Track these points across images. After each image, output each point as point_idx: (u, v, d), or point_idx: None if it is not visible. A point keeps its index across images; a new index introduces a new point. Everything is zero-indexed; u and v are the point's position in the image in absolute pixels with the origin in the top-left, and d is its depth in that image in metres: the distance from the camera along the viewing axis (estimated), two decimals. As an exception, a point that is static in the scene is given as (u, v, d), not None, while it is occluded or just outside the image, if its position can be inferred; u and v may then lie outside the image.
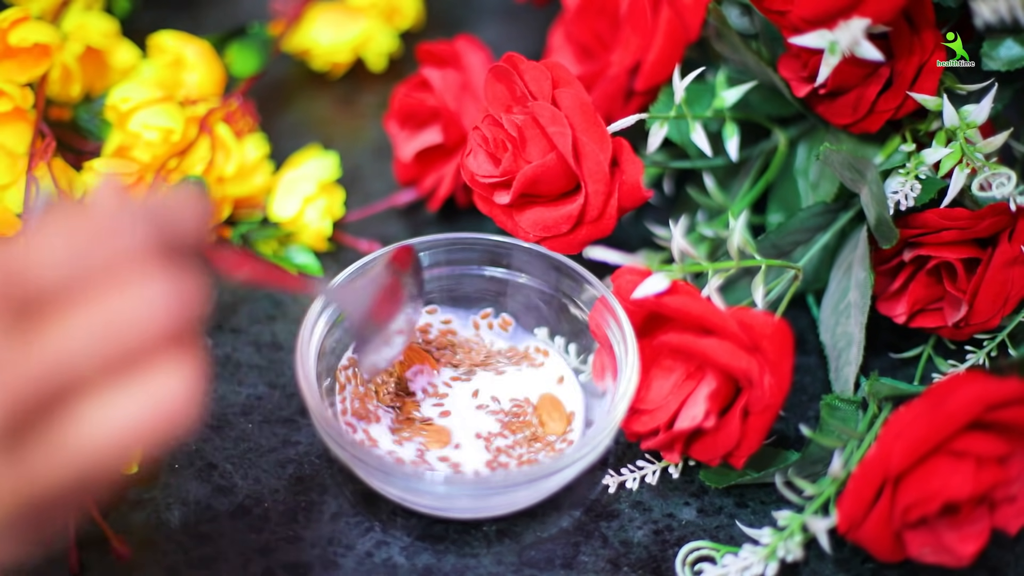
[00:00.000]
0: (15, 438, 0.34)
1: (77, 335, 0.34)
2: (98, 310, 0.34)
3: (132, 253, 0.35)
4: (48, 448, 0.34)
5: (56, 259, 0.35)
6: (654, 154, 0.66)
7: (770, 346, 0.52)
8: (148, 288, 0.35)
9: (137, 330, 0.35)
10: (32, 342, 0.34)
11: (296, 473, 0.59)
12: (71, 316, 0.34)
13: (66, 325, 0.34)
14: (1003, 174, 0.56)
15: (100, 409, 0.35)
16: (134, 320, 0.35)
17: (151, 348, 0.35)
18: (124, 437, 0.35)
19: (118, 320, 0.34)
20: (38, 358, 0.34)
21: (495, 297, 0.64)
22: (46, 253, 0.35)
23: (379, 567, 0.55)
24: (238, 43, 0.77)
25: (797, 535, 0.54)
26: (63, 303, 0.34)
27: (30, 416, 0.34)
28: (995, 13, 0.55)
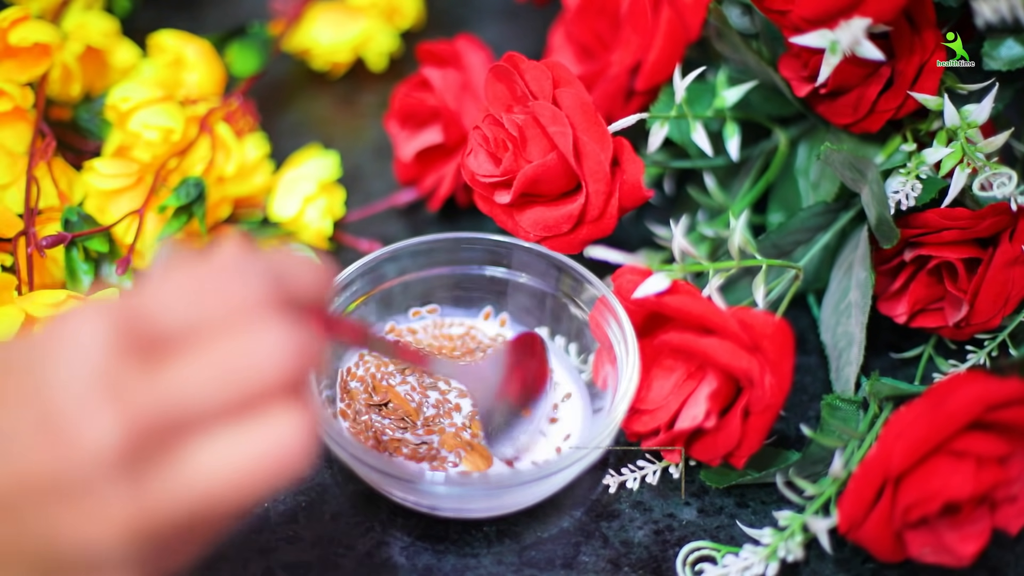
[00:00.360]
0: (137, 464, 0.35)
1: (198, 374, 0.36)
2: (219, 353, 0.36)
3: (253, 301, 0.37)
4: (168, 479, 0.36)
5: (181, 304, 0.37)
6: (655, 154, 0.66)
7: (771, 346, 0.52)
8: (267, 335, 0.37)
9: (255, 375, 0.36)
10: (157, 378, 0.36)
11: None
12: (194, 357, 0.36)
13: (189, 365, 0.36)
14: (1004, 174, 0.56)
15: (218, 447, 0.36)
16: (252, 365, 0.36)
17: (267, 393, 0.36)
18: (239, 477, 0.36)
19: (238, 364, 0.36)
20: (162, 392, 0.35)
21: (495, 297, 0.64)
22: (172, 296, 0.37)
23: (379, 567, 0.55)
24: (238, 43, 0.77)
25: (798, 535, 0.54)
26: (186, 345, 0.36)
27: (152, 445, 0.35)
28: (996, 13, 0.55)
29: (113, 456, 0.35)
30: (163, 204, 0.64)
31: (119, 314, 0.36)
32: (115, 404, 0.35)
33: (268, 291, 0.37)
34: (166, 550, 0.37)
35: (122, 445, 0.35)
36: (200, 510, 0.36)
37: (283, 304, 0.38)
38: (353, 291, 0.60)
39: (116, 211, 0.65)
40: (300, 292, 0.39)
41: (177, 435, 0.36)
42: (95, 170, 0.65)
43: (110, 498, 0.35)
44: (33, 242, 0.61)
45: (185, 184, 0.65)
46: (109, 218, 0.65)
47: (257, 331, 0.37)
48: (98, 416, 0.35)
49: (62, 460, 0.35)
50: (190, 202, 0.65)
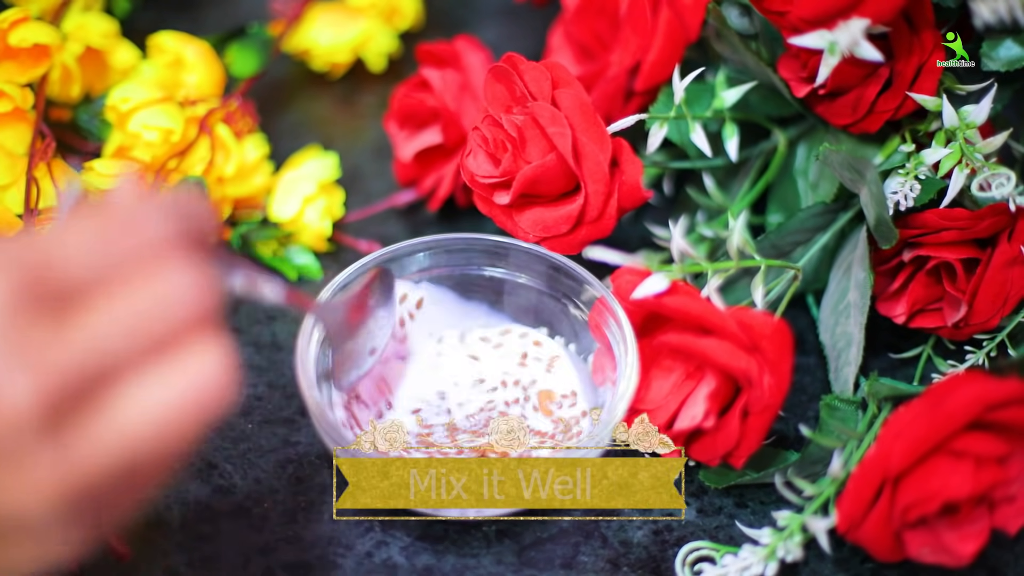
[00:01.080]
0: (58, 423, 0.34)
1: (111, 322, 0.35)
2: (129, 298, 0.36)
3: (156, 244, 0.37)
4: (92, 432, 0.35)
5: (85, 251, 0.36)
6: (654, 154, 0.66)
7: (770, 346, 0.52)
8: (174, 276, 0.36)
9: (168, 315, 0.36)
10: (68, 330, 0.35)
11: (296, 473, 0.59)
12: (104, 305, 0.35)
13: (100, 313, 0.35)
14: (1002, 174, 0.56)
15: (140, 392, 0.35)
16: (164, 306, 0.36)
17: (182, 332, 0.36)
18: (166, 419, 0.36)
19: (149, 307, 0.36)
20: (75, 345, 0.35)
21: (495, 297, 0.64)
22: (76, 245, 0.36)
23: (379, 567, 0.55)
24: (238, 43, 0.77)
25: (797, 535, 0.54)
26: (95, 293, 0.35)
27: (71, 401, 0.35)
28: (994, 13, 0.55)
29: (32, 418, 0.34)
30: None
31: (21, 271, 0.35)
32: (26, 365, 0.34)
33: (168, 231, 0.37)
34: (102, 505, 0.36)
35: (39, 406, 0.34)
36: (130, 459, 0.35)
37: (184, 243, 0.37)
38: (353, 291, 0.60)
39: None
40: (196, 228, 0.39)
41: (96, 388, 0.35)
42: (95, 171, 0.65)
43: (34, 461, 0.34)
44: (33, 243, 0.61)
45: (185, 184, 0.65)
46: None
47: (162, 272, 0.36)
48: (10, 379, 0.34)
49: None
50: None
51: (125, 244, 0.36)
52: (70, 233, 0.36)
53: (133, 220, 0.37)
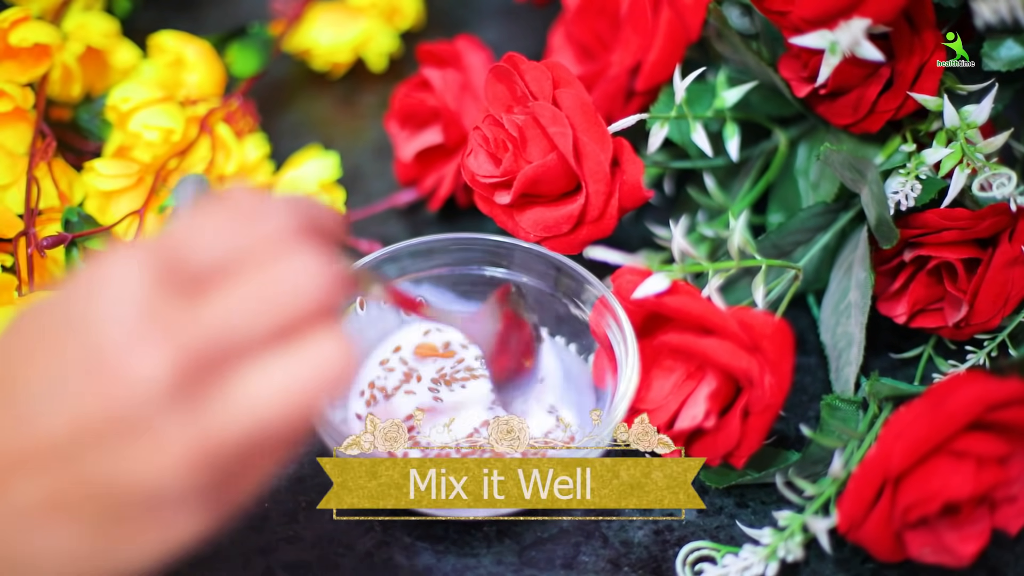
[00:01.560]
0: (190, 397, 0.35)
1: (241, 303, 0.37)
2: (258, 281, 0.37)
3: (284, 232, 0.38)
4: (222, 407, 0.36)
5: (217, 237, 0.38)
6: (655, 154, 0.66)
7: (770, 346, 0.52)
8: (300, 263, 0.38)
9: (294, 300, 0.37)
10: (200, 309, 0.36)
11: (296, 473, 0.59)
12: (234, 287, 0.37)
13: (230, 295, 0.37)
14: (1003, 174, 0.56)
15: (267, 371, 0.37)
16: (291, 291, 0.37)
17: (307, 317, 0.37)
18: (290, 398, 0.37)
19: (277, 290, 0.37)
20: (206, 323, 0.36)
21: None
22: (208, 232, 0.38)
23: (379, 567, 0.55)
24: (238, 43, 0.77)
25: (797, 535, 0.54)
26: (226, 276, 0.37)
27: (202, 376, 0.36)
28: (995, 13, 0.55)
29: (165, 389, 0.35)
30: (163, 204, 0.64)
31: (155, 252, 0.37)
32: (162, 337, 0.35)
33: (296, 222, 0.39)
34: (227, 480, 0.37)
35: (173, 377, 0.35)
36: (255, 436, 0.36)
37: (310, 234, 0.39)
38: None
39: (116, 211, 0.65)
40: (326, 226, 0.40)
41: (225, 364, 0.36)
42: (95, 171, 0.65)
43: (167, 431, 0.35)
44: (33, 242, 0.61)
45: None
46: (110, 218, 0.65)
47: (292, 258, 0.38)
48: (146, 351, 0.35)
49: (115, 399, 0.35)
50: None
51: (255, 231, 0.38)
52: (202, 221, 0.38)
53: (260, 210, 0.38)
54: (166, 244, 0.37)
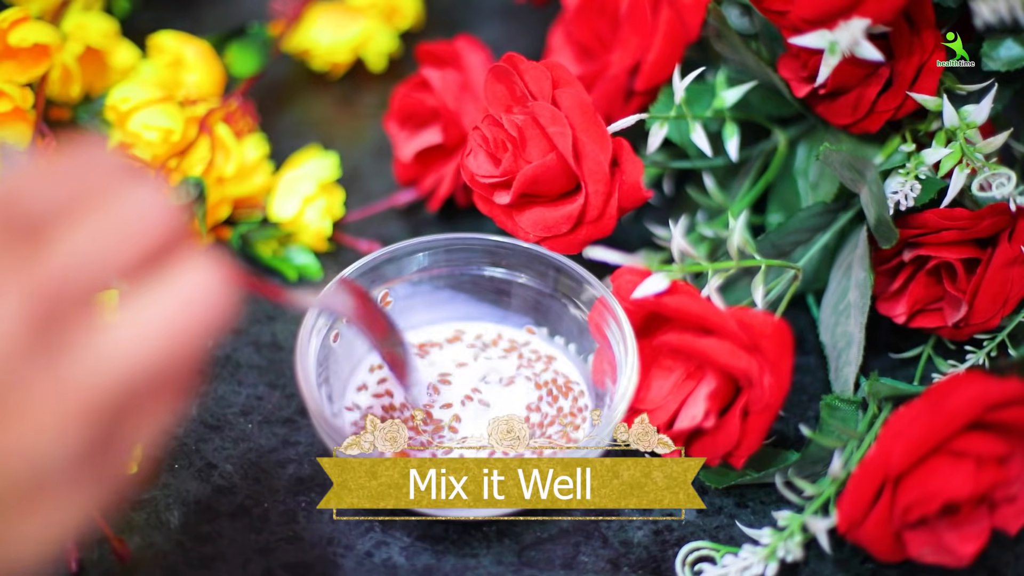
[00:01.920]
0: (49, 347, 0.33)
1: (90, 241, 0.34)
2: (102, 216, 0.34)
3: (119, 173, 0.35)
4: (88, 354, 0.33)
5: (51, 182, 0.35)
6: (654, 154, 0.66)
7: (770, 346, 0.52)
8: (141, 197, 0.35)
9: (146, 229, 0.35)
10: (44, 255, 0.34)
11: (296, 473, 0.59)
12: (80, 226, 0.34)
13: (74, 235, 0.34)
14: (1003, 174, 0.56)
15: (132, 312, 0.34)
16: (140, 221, 0.35)
17: (164, 249, 0.35)
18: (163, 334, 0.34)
19: (124, 222, 0.34)
20: (53, 267, 0.33)
21: (495, 297, 0.64)
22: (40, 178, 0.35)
23: (379, 567, 0.55)
24: (238, 43, 0.77)
25: (797, 535, 0.54)
26: (65, 218, 0.34)
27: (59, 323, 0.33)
28: (995, 13, 0.55)
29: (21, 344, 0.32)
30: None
31: None
32: (8, 291, 0.32)
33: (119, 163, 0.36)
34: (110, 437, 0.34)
35: (26, 331, 0.32)
36: (132, 380, 0.34)
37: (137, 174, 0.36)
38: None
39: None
40: None
41: (84, 308, 0.33)
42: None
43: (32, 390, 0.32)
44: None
45: (185, 184, 0.65)
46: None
47: (130, 193, 0.35)
48: None
49: None
50: (190, 202, 0.65)
51: (86, 174, 0.35)
52: (32, 169, 0.35)
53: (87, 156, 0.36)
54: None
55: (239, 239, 0.69)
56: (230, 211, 0.69)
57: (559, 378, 0.62)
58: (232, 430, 0.61)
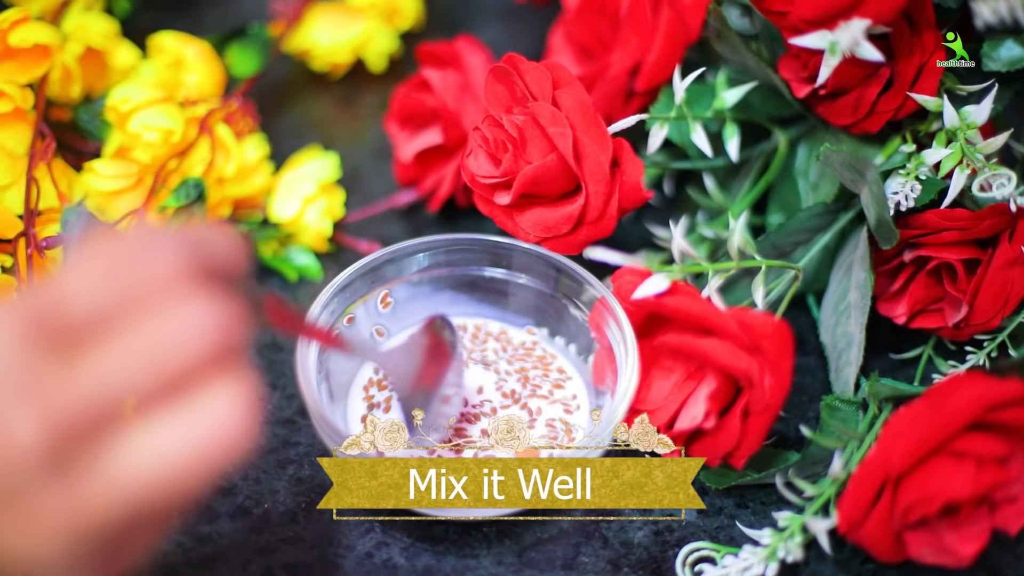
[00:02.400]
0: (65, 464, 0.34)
1: (119, 361, 0.34)
2: (138, 336, 0.34)
3: (170, 277, 0.35)
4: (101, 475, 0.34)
5: (92, 287, 0.34)
6: (654, 155, 0.66)
7: (770, 346, 0.52)
8: (188, 312, 0.34)
9: (179, 353, 0.34)
10: (76, 370, 0.34)
11: (296, 473, 0.59)
12: (112, 342, 0.34)
13: (108, 352, 0.34)
14: (1003, 175, 0.56)
15: (151, 434, 0.34)
16: (175, 345, 0.34)
17: (197, 371, 0.35)
18: (177, 463, 0.34)
19: (159, 345, 0.34)
20: (82, 385, 0.34)
21: (495, 298, 0.64)
22: (82, 282, 0.35)
23: (379, 568, 0.55)
24: (238, 44, 0.77)
25: (797, 536, 0.54)
26: (103, 330, 0.34)
27: (78, 442, 0.34)
28: (995, 14, 0.55)
29: (37, 458, 0.33)
30: (163, 205, 0.64)
31: (30, 309, 0.34)
32: (33, 403, 0.33)
33: (182, 264, 0.35)
34: (111, 548, 0.35)
35: (45, 446, 0.33)
36: (139, 504, 0.34)
37: (202, 276, 0.36)
38: (352, 292, 0.60)
39: (116, 212, 0.65)
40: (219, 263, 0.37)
41: (104, 428, 0.34)
42: (95, 171, 0.65)
43: (40, 502, 0.33)
44: (33, 243, 0.61)
45: (185, 185, 0.65)
46: (110, 219, 0.65)
47: (176, 307, 0.34)
48: (16, 418, 0.33)
49: None
50: (190, 203, 0.65)
51: (135, 278, 0.35)
52: (77, 269, 0.35)
53: (144, 253, 0.35)
54: (43, 298, 0.35)
55: (239, 239, 0.69)
56: (230, 211, 0.69)
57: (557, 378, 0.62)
58: (232, 430, 0.60)
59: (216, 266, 0.37)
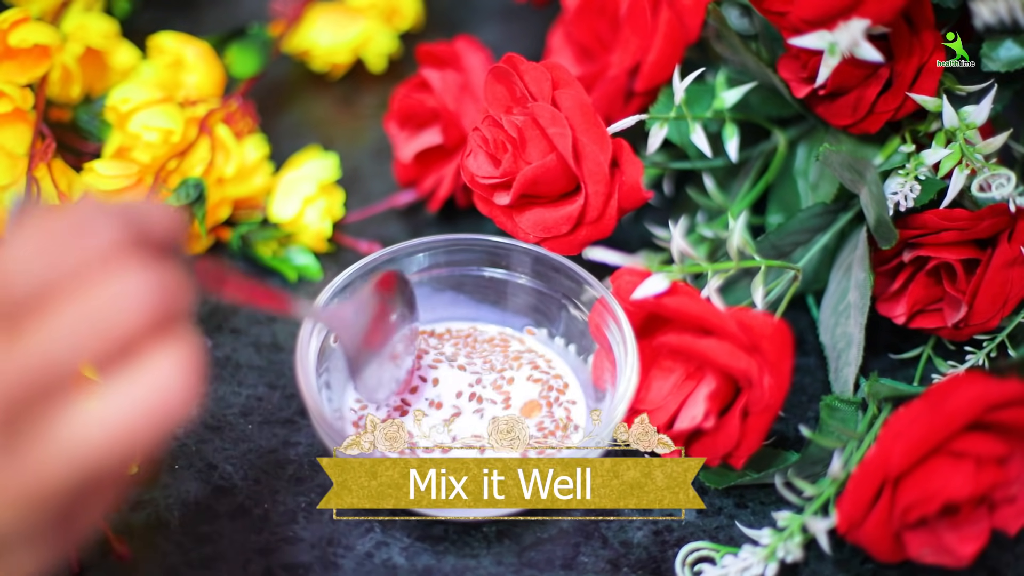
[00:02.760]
0: (11, 435, 0.34)
1: (60, 331, 0.34)
2: (79, 306, 0.35)
3: (109, 249, 0.36)
4: (48, 444, 0.35)
5: (30, 262, 0.35)
6: (654, 155, 0.66)
7: (770, 347, 0.52)
8: (128, 280, 0.35)
9: (121, 322, 0.35)
10: (16, 343, 0.34)
11: (296, 473, 0.59)
12: (53, 315, 0.35)
13: (48, 323, 0.35)
14: (1002, 175, 0.56)
15: (96, 401, 0.35)
16: (117, 312, 0.35)
17: (138, 339, 0.35)
18: (124, 428, 0.35)
19: (100, 314, 0.35)
20: (23, 357, 0.34)
21: (495, 298, 0.64)
22: (19, 258, 0.35)
23: (379, 568, 0.55)
24: (238, 44, 0.77)
25: (797, 536, 0.54)
26: (43, 303, 0.35)
27: (24, 413, 0.34)
28: (994, 14, 0.55)
29: None
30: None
31: None
32: None
33: (120, 236, 0.36)
34: (66, 515, 0.36)
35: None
36: (90, 469, 0.35)
37: (140, 247, 0.36)
38: (352, 292, 0.60)
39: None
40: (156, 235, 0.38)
41: (49, 399, 0.34)
42: (95, 171, 0.65)
43: None
44: (33, 243, 0.61)
45: (185, 185, 0.65)
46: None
47: (115, 277, 0.35)
48: None
49: None
50: (190, 203, 0.65)
51: (72, 252, 0.35)
52: (16, 245, 0.36)
53: (82, 228, 0.36)
54: None
55: (239, 240, 0.69)
56: (230, 212, 0.69)
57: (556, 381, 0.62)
58: (232, 431, 0.61)
59: (153, 238, 0.38)
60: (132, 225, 0.37)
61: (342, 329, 0.55)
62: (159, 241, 0.38)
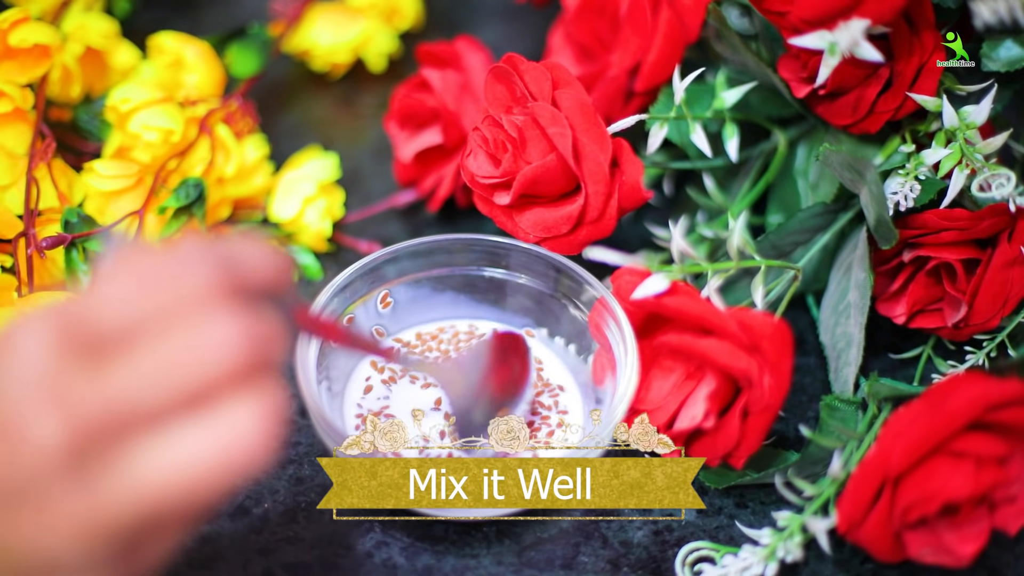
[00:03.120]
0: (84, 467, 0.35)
1: (144, 371, 0.35)
2: (165, 347, 0.35)
3: (203, 292, 0.36)
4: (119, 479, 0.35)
5: (124, 300, 0.36)
6: (654, 155, 0.66)
7: (770, 346, 0.52)
8: (217, 326, 0.36)
9: (204, 367, 0.35)
10: (101, 378, 0.35)
11: (296, 473, 0.59)
12: (138, 353, 0.35)
13: (133, 362, 0.35)
14: (1002, 175, 0.56)
15: (170, 442, 0.35)
16: (201, 357, 0.35)
17: (218, 385, 0.36)
18: (194, 471, 0.35)
19: (185, 357, 0.35)
20: (106, 392, 0.35)
21: (495, 298, 0.64)
22: (114, 295, 0.36)
23: (379, 568, 0.55)
24: (238, 44, 0.77)
25: (797, 536, 0.54)
26: (131, 342, 0.35)
27: (99, 446, 0.35)
28: (994, 14, 0.55)
29: (59, 459, 0.34)
30: (163, 205, 0.64)
31: (62, 318, 0.36)
32: (58, 407, 0.35)
33: (216, 280, 0.36)
34: (132, 549, 0.36)
35: (67, 447, 0.34)
36: (157, 508, 0.35)
37: (234, 292, 0.37)
38: (352, 292, 0.60)
39: (116, 212, 0.65)
40: (256, 279, 0.38)
41: (124, 434, 0.35)
42: (95, 171, 0.65)
43: (59, 501, 0.35)
44: (33, 243, 0.61)
45: (185, 185, 0.65)
46: (109, 219, 0.65)
47: (203, 321, 0.36)
48: (41, 420, 0.34)
49: (9, 466, 0.35)
50: (190, 203, 0.65)
51: (165, 292, 0.36)
52: (109, 283, 0.36)
53: (177, 268, 0.36)
54: (75, 308, 0.36)
55: (239, 239, 0.69)
56: (230, 211, 0.69)
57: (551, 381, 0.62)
58: (232, 430, 0.61)
59: (253, 282, 0.38)
60: (231, 268, 0.37)
61: (448, 385, 0.56)
62: (258, 285, 0.38)
